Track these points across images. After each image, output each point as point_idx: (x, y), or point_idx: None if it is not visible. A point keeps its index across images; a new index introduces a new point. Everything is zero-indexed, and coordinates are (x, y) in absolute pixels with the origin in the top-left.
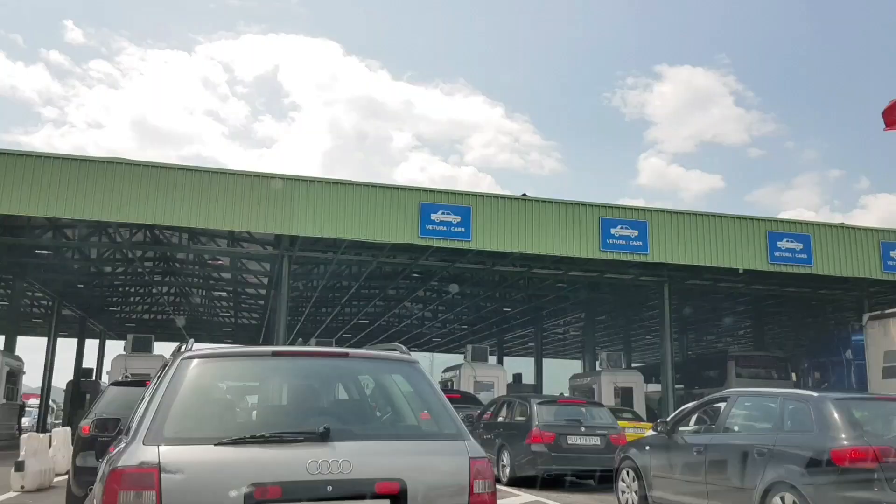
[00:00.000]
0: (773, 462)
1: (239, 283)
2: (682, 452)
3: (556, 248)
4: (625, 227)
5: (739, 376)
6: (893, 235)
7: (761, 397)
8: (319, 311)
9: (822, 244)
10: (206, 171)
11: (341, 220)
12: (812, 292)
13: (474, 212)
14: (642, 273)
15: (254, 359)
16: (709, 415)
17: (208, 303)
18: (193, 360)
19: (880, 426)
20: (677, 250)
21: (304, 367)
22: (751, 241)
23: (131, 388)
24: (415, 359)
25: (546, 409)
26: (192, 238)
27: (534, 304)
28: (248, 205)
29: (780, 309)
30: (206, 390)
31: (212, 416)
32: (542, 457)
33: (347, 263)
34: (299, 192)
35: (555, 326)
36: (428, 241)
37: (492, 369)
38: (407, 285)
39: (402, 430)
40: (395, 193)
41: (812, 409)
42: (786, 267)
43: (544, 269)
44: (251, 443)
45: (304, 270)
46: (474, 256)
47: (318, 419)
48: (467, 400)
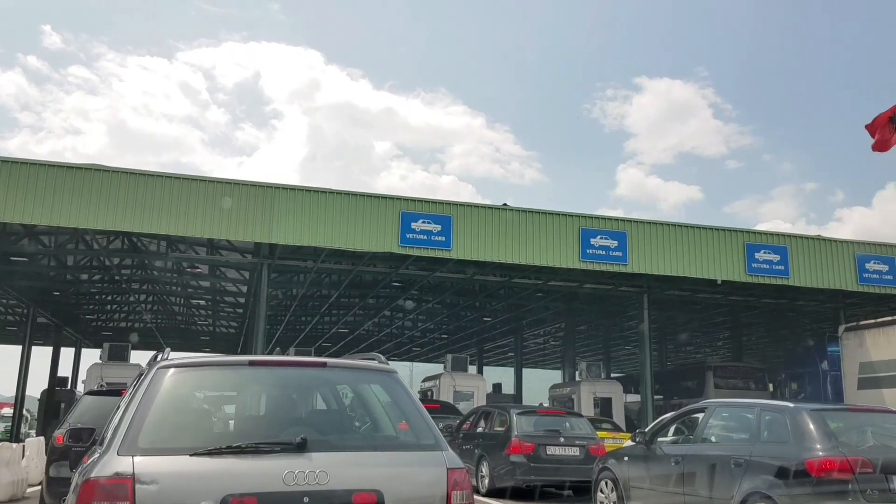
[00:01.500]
0: (750, 472)
1: (217, 292)
2: (661, 463)
3: (537, 257)
4: (604, 237)
5: (717, 387)
6: (869, 248)
7: (738, 408)
8: (299, 320)
9: (798, 256)
10: (186, 178)
11: (321, 229)
12: (789, 303)
13: (455, 221)
14: (622, 283)
15: (231, 368)
16: (687, 425)
17: (186, 311)
18: (169, 369)
19: (855, 437)
20: (656, 261)
21: (282, 377)
22: (729, 253)
23: (106, 398)
24: (393, 369)
25: (525, 420)
26: (171, 246)
27: (514, 313)
28: (227, 212)
29: (757, 320)
30: (182, 400)
31: (188, 427)
32: (522, 467)
33: (327, 272)
34: (279, 200)
35: (535, 336)
36: (408, 250)
37: (471, 379)
38: (387, 294)
39: (379, 441)
40: (376, 202)
41: (788, 420)
42: (763, 278)
43: (524, 278)
44: (227, 453)
45: (283, 279)
46: (454, 266)
47: (295, 429)
48: (447, 410)
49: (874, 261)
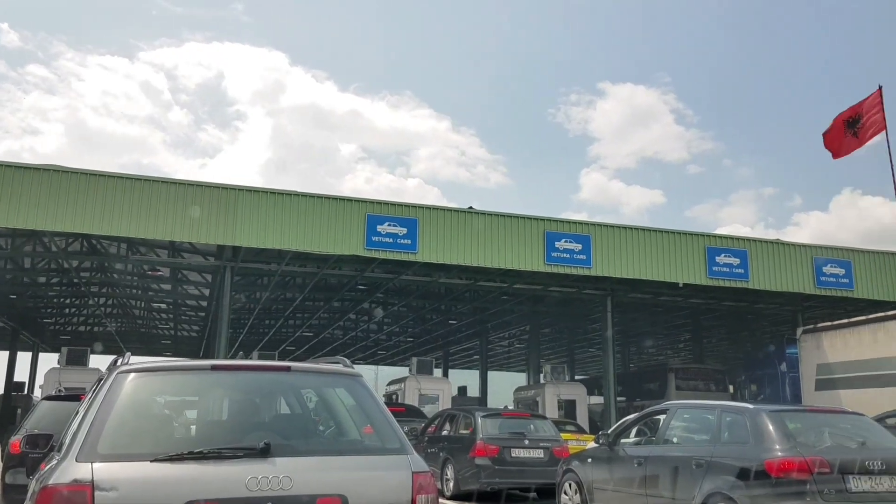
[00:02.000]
0: (711, 473)
1: (179, 295)
2: (623, 464)
3: (502, 260)
4: (569, 240)
5: (679, 388)
6: (826, 252)
7: (699, 409)
8: (262, 324)
9: (758, 259)
10: (147, 179)
11: (286, 231)
12: (748, 306)
13: (421, 224)
14: (586, 286)
15: (192, 373)
16: (649, 427)
17: (147, 315)
18: (130, 374)
19: (813, 437)
20: (620, 264)
21: (245, 381)
22: (690, 256)
23: (65, 403)
24: (358, 372)
25: (490, 422)
26: (131, 248)
27: (479, 316)
28: (189, 215)
29: (717, 322)
30: (143, 405)
31: (148, 432)
32: (487, 470)
33: (292, 275)
34: (242, 203)
35: (500, 339)
36: (374, 253)
37: (437, 382)
38: (352, 297)
39: (344, 445)
40: (341, 204)
41: (748, 421)
42: (723, 281)
43: (490, 281)
44: (189, 459)
45: (246, 282)
46: (420, 269)
47: (258, 434)
48: (412, 413)
49: (831, 264)
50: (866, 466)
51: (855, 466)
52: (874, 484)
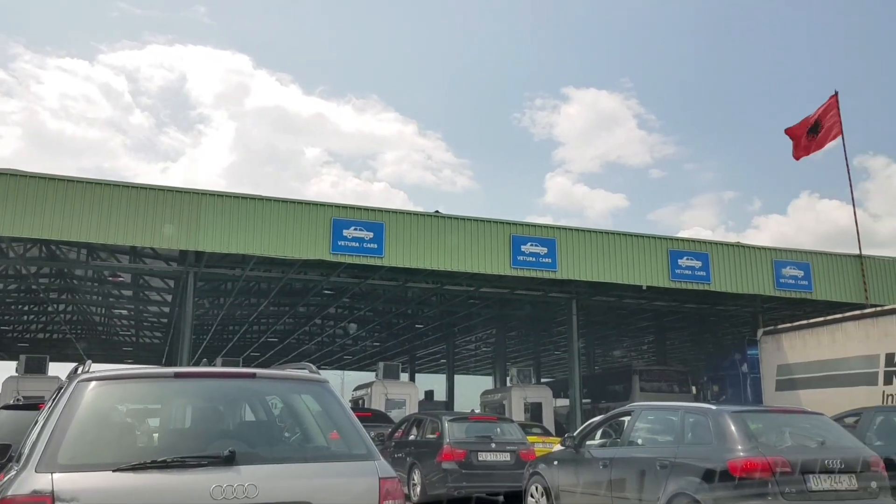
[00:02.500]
0: (675, 474)
1: (141, 301)
2: (589, 467)
3: (469, 264)
4: (535, 244)
5: (643, 390)
6: (785, 254)
7: (663, 411)
8: (226, 330)
9: (719, 262)
10: (107, 183)
11: (250, 236)
12: (710, 308)
13: (387, 228)
14: (551, 290)
15: (155, 380)
16: (614, 429)
17: (108, 321)
18: (91, 382)
19: (774, 437)
20: (585, 267)
21: (209, 389)
22: (653, 259)
23: (23, 412)
24: (324, 378)
25: (457, 426)
26: (91, 254)
27: (446, 320)
28: (151, 219)
29: (680, 324)
30: (104, 414)
31: (110, 441)
32: (453, 474)
33: (256, 280)
34: (206, 207)
35: (466, 342)
36: (340, 258)
37: (403, 386)
38: (318, 302)
39: (310, 452)
40: (307, 209)
41: (710, 422)
42: (686, 284)
43: (456, 285)
44: (152, 468)
45: (210, 287)
46: (387, 273)
47: (222, 442)
48: (378, 418)
49: (790, 266)
50: (826, 466)
51: (815, 466)
52: (834, 483)
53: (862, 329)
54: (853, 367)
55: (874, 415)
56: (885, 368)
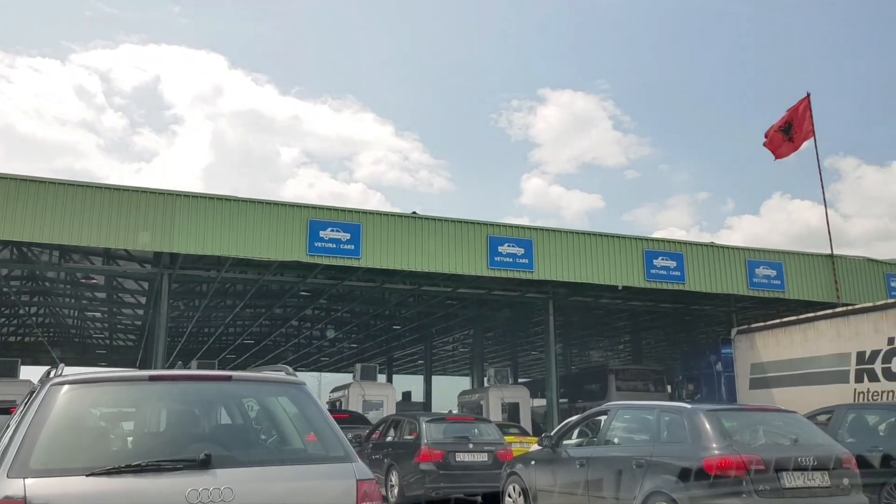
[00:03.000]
0: (651, 473)
1: (115, 303)
2: (566, 466)
3: (446, 265)
4: (511, 245)
5: (619, 389)
6: (758, 254)
7: (639, 410)
8: (201, 332)
9: (693, 262)
10: (80, 185)
11: (225, 237)
12: (685, 308)
13: (364, 229)
14: (528, 290)
15: (129, 384)
16: (591, 428)
17: (81, 324)
18: (63, 385)
19: (748, 435)
20: (561, 268)
21: (184, 392)
22: (629, 259)
23: None
24: (301, 380)
25: (435, 427)
26: (64, 256)
27: (423, 321)
28: (125, 221)
29: (656, 324)
30: (78, 418)
31: (84, 446)
32: (431, 475)
33: (232, 282)
34: (180, 208)
35: (444, 343)
36: (316, 259)
37: (381, 388)
38: (295, 304)
39: (287, 455)
40: (283, 210)
41: (686, 421)
42: (661, 284)
43: (434, 286)
44: (126, 472)
45: (185, 289)
46: (364, 274)
47: (198, 446)
48: (356, 420)
49: (763, 266)
50: (799, 463)
51: (789, 463)
52: (807, 480)
53: (833, 328)
54: (825, 365)
55: (846, 412)
56: (856, 366)
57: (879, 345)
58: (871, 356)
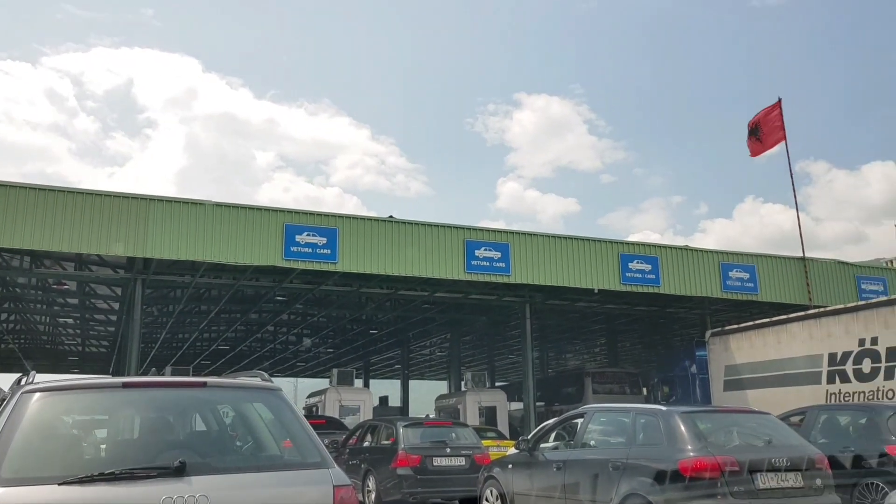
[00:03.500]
0: (627, 475)
1: (87, 309)
2: (543, 469)
3: (423, 269)
4: (488, 248)
5: (595, 392)
6: (732, 257)
7: (615, 412)
8: (175, 338)
9: (668, 265)
10: (51, 189)
11: (200, 242)
12: (660, 311)
13: (341, 233)
14: (505, 294)
15: (102, 391)
16: (567, 431)
17: (53, 331)
18: (35, 393)
19: (722, 437)
20: (538, 271)
21: (158, 399)
22: (605, 263)
23: None
24: (277, 386)
25: (412, 432)
26: (35, 261)
27: (400, 325)
28: (97, 226)
29: (631, 327)
30: (50, 426)
31: (56, 454)
32: (408, 480)
33: (206, 287)
34: (154, 213)
35: (421, 347)
36: (292, 264)
37: (357, 393)
38: (270, 309)
39: (263, 461)
40: (258, 214)
41: (661, 423)
42: (636, 287)
43: (411, 290)
44: (99, 481)
45: (158, 294)
46: (340, 279)
47: (172, 453)
48: (333, 425)
49: (736, 269)
50: (773, 464)
51: (763, 464)
52: (780, 480)
53: (806, 329)
54: (798, 366)
55: (818, 413)
56: (828, 368)
57: (851, 346)
58: (842, 357)
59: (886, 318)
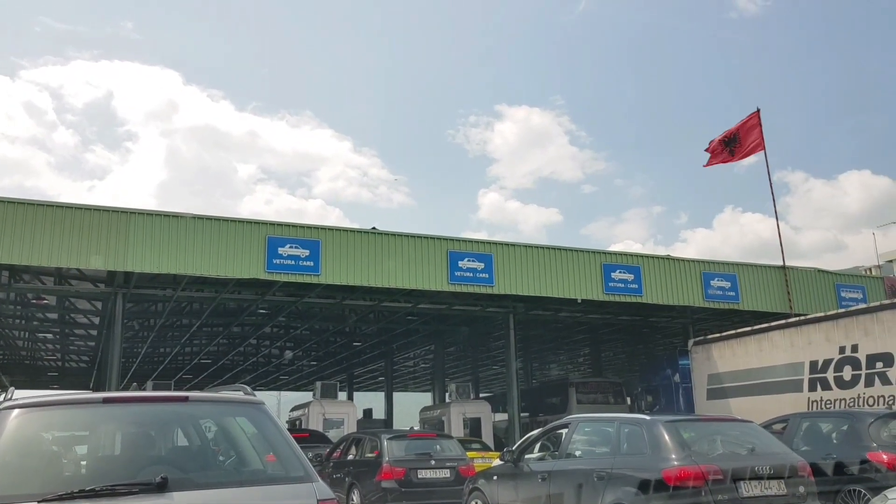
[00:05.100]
0: (612, 485)
1: (67, 324)
2: (528, 480)
3: (406, 280)
4: (472, 259)
5: (580, 402)
6: (713, 266)
7: (599, 422)
8: (157, 352)
9: (650, 275)
10: (30, 203)
11: (181, 255)
12: (643, 320)
13: (323, 245)
14: (489, 304)
15: (82, 407)
16: (552, 441)
17: (32, 346)
18: (14, 409)
19: (706, 446)
20: (521, 282)
21: (139, 414)
22: (587, 273)
23: None
24: (260, 400)
25: (396, 444)
26: (14, 276)
27: (384, 337)
28: (77, 240)
29: (615, 336)
30: (29, 443)
31: (35, 471)
32: (393, 493)
33: (188, 300)
34: (134, 226)
35: (405, 359)
36: (275, 276)
37: (341, 406)
38: (253, 322)
39: (246, 476)
40: (240, 227)
41: (645, 432)
42: (619, 297)
43: (394, 301)
44: (80, 498)
45: (139, 308)
46: (323, 291)
47: (154, 468)
48: (316, 439)
49: (718, 278)
50: (756, 472)
51: (746, 473)
52: (763, 488)
53: (787, 338)
54: (779, 374)
55: (800, 421)
56: (809, 375)
57: (831, 354)
58: (823, 365)
59: (866, 325)
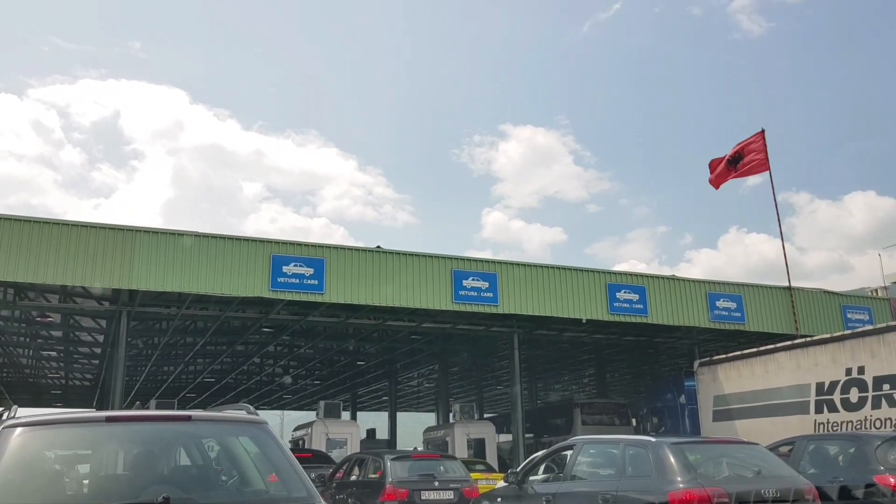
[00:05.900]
0: None
1: (71, 342)
2: (532, 502)
3: (410, 300)
4: (476, 279)
5: (585, 423)
6: (719, 287)
7: (604, 444)
8: (161, 370)
9: (656, 295)
10: (36, 220)
11: (186, 273)
12: (648, 340)
13: (328, 264)
14: (493, 324)
15: (85, 425)
16: (557, 463)
17: (36, 364)
18: (17, 427)
19: (712, 468)
20: (526, 301)
21: (142, 433)
22: (592, 293)
23: None
24: (263, 419)
25: (400, 465)
26: (19, 293)
27: (388, 356)
28: (82, 258)
29: (620, 357)
30: (32, 461)
31: (37, 490)
32: None
33: (192, 318)
34: (140, 244)
35: (409, 379)
36: (279, 294)
37: (345, 425)
38: (257, 340)
39: (248, 496)
40: (245, 245)
41: (650, 454)
42: (624, 317)
43: (398, 321)
44: None
45: (144, 326)
46: (327, 309)
47: (156, 488)
48: (319, 459)
49: (723, 299)
50: (762, 495)
51: (752, 496)
52: None
53: (793, 359)
54: (786, 396)
55: (806, 443)
56: (815, 397)
57: (838, 375)
58: (829, 387)
59: (873, 347)
